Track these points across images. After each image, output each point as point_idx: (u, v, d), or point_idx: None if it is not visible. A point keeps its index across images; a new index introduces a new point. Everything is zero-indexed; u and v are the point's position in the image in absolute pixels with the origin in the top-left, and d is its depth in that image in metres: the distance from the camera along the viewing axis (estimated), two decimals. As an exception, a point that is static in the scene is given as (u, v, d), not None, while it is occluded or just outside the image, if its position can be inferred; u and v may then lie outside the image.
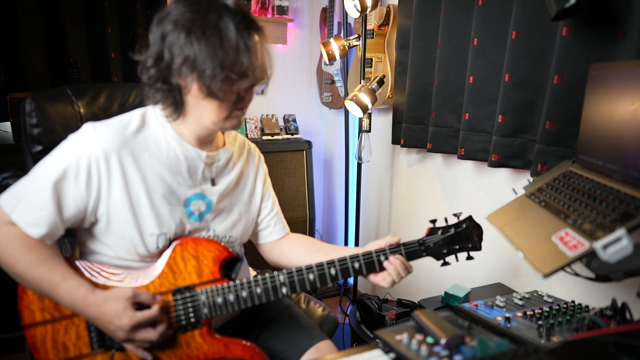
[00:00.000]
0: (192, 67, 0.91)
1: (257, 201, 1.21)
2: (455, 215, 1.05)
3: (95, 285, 0.98)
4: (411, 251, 1.05)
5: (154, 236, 1.01)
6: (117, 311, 0.91)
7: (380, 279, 1.05)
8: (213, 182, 1.09)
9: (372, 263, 1.04)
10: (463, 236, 1.05)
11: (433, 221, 1.06)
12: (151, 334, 0.93)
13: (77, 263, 1.01)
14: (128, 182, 0.98)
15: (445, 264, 1.06)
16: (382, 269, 1.04)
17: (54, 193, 0.93)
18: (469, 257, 1.06)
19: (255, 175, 1.21)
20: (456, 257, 1.07)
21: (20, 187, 0.96)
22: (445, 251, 1.05)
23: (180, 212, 1.04)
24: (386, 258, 1.04)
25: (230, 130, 1.10)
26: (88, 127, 0.98)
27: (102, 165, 0.95)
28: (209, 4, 0.92)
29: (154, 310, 0.94)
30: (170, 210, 1.02)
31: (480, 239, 1.06)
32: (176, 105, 0.98)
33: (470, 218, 1.07)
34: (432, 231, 1.06)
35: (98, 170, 0.95)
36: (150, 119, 1.03)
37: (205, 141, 1.06)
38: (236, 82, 0.93)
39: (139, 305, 0.95)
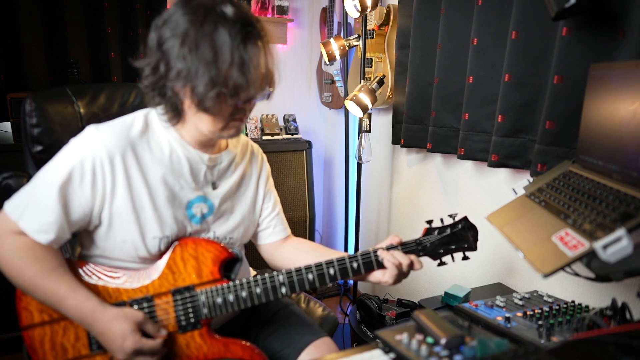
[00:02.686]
0: (184, 81, 0.89)
1: (259, 202, 1.20)
2: (450, 216, 1.06)
3: (95, 286, 0.98)
4: (408, 251, 1.05)
5: (156, 239, 1.01)
6: (123, 332, 0.91)
7: (381, 275, 1.04)
8: (214, 185, 1.09)
9: (370, 263, 1.04)
10: (459, 236, 1.06)
11: (429, 222, 1.06)
12: None
13: (76, 265, 1.00)
14: (131, 184, 0.97)
15: (442, 263, 1.07)
16: (381, 268, 1.04)
17: (60, 197, 0.93)
18: (465, 257, 1.07)
19: (258, 176, 1.20)
20: (452, 257, 1.07)
21: (25, 195, 0.95)
22: (441, 251, 1.06)
23: (182, 214, 1.04)
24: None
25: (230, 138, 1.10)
26: (91, 129, 0.97)
27: (106, 166, 0.95)
28: (206, 12, 0.88)
29: (158, 342, 0.94)
30: (172, 212, 1.02)
31: (476, 239, 1.07)
32: (175, 112, 0.97)
33: (465, 219, 1.07)
34: (428, 231, 1.07)
35: (102, 172, 0.95)
36: (153, 121, 1.03)
37: (207, 144, 1.05)
38: (230, 98, 0.90)
39: (143, 333, 0.94)
